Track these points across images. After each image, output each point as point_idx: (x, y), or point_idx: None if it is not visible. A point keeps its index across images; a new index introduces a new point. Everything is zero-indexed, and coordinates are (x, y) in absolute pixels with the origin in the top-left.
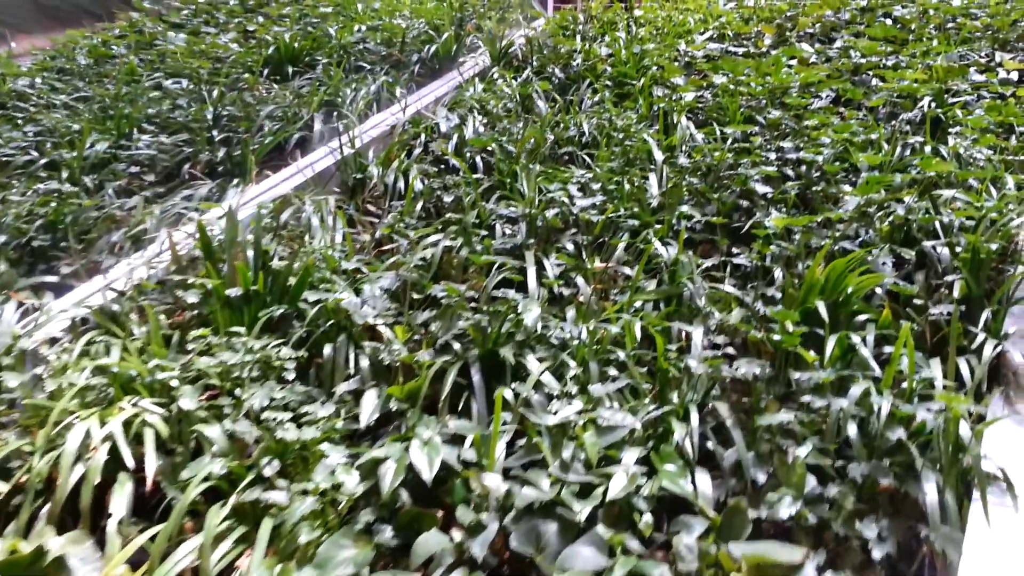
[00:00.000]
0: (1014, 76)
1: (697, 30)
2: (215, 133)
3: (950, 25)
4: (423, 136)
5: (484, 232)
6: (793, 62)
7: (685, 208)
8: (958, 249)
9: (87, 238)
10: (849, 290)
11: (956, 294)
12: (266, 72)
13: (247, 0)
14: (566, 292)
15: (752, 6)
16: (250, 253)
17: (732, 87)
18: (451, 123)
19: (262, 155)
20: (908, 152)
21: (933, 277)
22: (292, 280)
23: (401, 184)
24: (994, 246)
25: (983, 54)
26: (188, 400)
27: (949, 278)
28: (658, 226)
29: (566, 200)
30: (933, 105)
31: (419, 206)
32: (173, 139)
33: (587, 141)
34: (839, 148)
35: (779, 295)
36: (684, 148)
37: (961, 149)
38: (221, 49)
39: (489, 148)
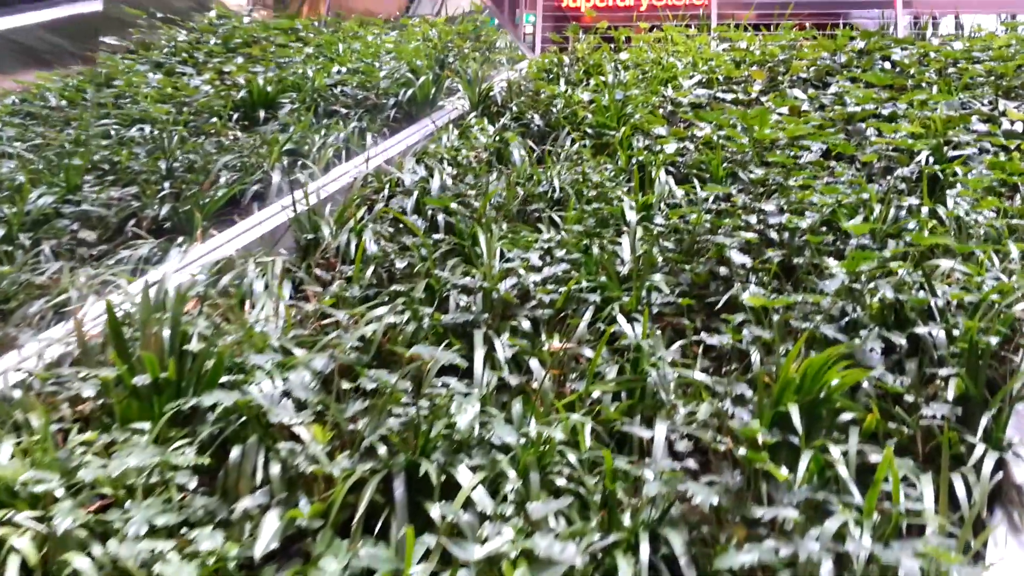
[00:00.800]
0: (1019, 127)
1: (685, 74)
2: (167, 185)
3: (951, 70)
4: (387, 190)
5: (433, 308)
6: (784, 110)
7: (658, 277)
8: (956, 332)
9: (6, 308)
10: (834, 382)
11: (951, 395)
12: (236, 117)
13: (231, 39)
14: (515, 382)
15: (744, 48)
16: (167, 333)
17: (716, 138)
18: (416, 176)
19: (213, 210)
20: (904, 213)
21: (928, 365)
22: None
23: (355, 246)
24: (994, 340)
25: (986, 101)
26: (65, 518)
27: (943, 372)
28: (627, 298)
29: (525, 271)
30: (931, 160)
31: (370, 272)
32: (123, 192)
33: (559, 197)
34: (827, 211)
35: (751, 392)
36: (662, 207)
37: (961, 211)
38: (188, 93)
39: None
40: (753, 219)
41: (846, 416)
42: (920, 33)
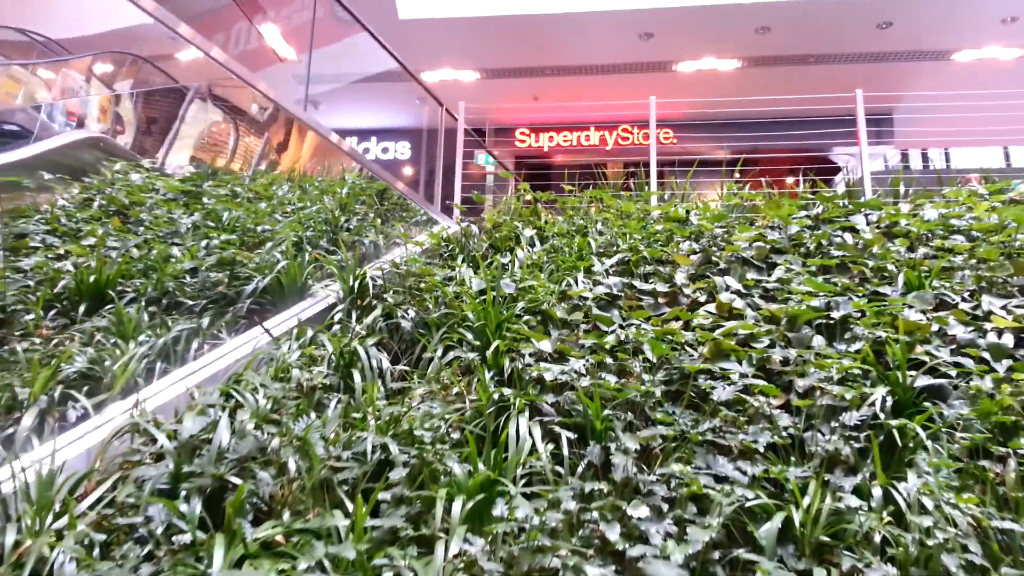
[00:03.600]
0: (1008, 340)
1: (609, 254)
2: None
3: (923, 250)
4: (165, 440)
5: None
6: (713, 307)
7: None
8: None
9: None
10: None
11: None
12: (55, 311)
13: (110, 205)
14: None
15: (680, 220)
16: None
17: (609, 361)
18: (206, 420)
19: None
20: (846, 502)
21: None
22: None
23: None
24: None
25: (966, 293)
26: None
27: None
28: None
29: None
30: (889, 402)
31: None
32: None
33: (385, 459)
34: (728, 512)
35: None
36: (517, 476)
37: (927, 500)
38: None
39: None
40: (615, 534)
41: None
42: (892, 191)
